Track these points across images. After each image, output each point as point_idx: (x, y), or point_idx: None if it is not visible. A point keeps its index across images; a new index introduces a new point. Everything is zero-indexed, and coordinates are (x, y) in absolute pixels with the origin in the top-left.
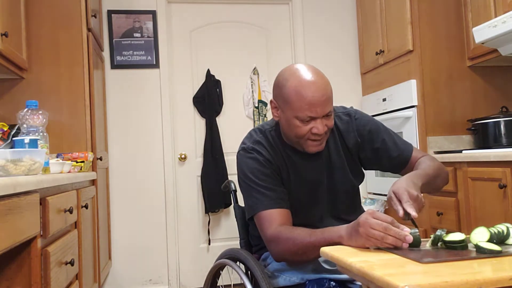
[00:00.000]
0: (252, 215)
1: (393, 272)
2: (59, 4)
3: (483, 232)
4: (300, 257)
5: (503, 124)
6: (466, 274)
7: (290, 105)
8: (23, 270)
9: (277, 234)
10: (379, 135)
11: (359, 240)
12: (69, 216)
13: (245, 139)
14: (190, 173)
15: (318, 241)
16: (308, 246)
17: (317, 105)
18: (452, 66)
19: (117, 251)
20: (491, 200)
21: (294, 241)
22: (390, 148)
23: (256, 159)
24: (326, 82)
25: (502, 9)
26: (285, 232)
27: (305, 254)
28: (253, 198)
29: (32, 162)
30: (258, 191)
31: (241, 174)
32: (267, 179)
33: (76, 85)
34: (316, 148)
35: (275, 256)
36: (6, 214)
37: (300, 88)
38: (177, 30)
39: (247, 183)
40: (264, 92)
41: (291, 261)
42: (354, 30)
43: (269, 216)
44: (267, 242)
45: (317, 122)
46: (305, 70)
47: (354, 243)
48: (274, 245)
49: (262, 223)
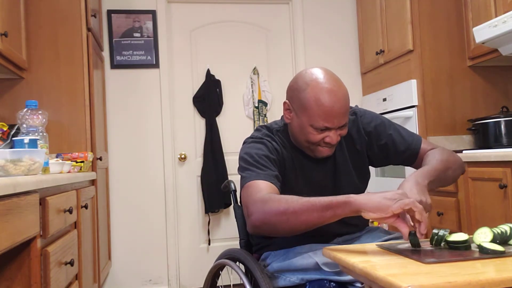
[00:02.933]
0: (243, 185)
1: (396, 273)
2: (59, 4)
3: (486, 233)
4: (288, 217)
5: (503, 124)
6: (469, 275)
7: (307, 112)
8: (22, 270)
9: (269, 196)
10: (385, 130)
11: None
12: (69, 216)
13: (254, 133)
14: (190, 173)
15: (319, 199)
16: (303, 205)
17: (335, 116)
18: (453, 66)
19: (117, 251)
20: (491, 200)
21: (287, 200)
22: (397, 142)
23: (264, 144)
24: (346, 93)
25: (503, 9)
26: (278, 195)
27: (295, 214)
28: (249, 171)
29: (31, 162)
30: (256, 166)
31: (243, 153)
32: (267, 160)
33: (75, 85)
34: (326, 154)
35: (256, 217)
36: (5, 214)
37: (320, 96)
38: (177, 30)
39: (247, 159)
40: (264, 92)
41: (273, 225)
42: (354, 30)
43: (259, 185)
44: (251, 203)
45: (331, 132)
46: (327, 78)
47: (369, 204)
48: (260, 204)
49: (251, 190)
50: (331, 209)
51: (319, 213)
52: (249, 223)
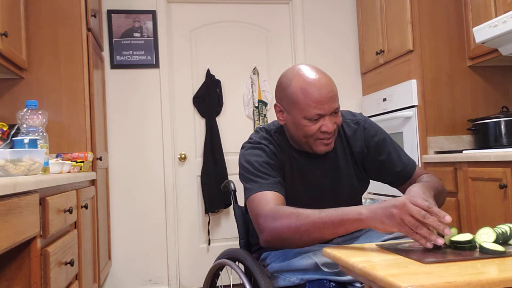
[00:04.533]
0: (248, 197)
1: (396, 273)
2: (59, 4)
3: (489, 233)
4: (300, 236)
5: (503, 124)
6: (469, 275)
7: (297, 105)
8: (22, 270)
9: (277, 209)
10: (385, 147)
11: (387, 223)
12: (69, 216)
13: (252, 135)
14: (190, 173)
15: (329, 218)
16: (315, 223)
17: (324, 102)
18: (453, 66)
19: (117, 251)
20: (491, 200)
21: (298, 216)
22: (395, 162)
23: (262, 149)
24: (330, 79)
25: (503, 9)
26: (288, 208)
27: (308, 232)
28: (252, 182)
29: (31, 162)
30: (258, 175)
31: (243, 161)
32: (268, 167)
33: (75, 85)
34: (325, 148)
35: (269, 234)
36: (5, 214)
37: (305, 86)
38: (177, 30)
39: (248, 169)
40: (264, 92)
41: (287, 242)
42: (354, 30)
43: (267, 196)
44: (261, 218)
45: (325, 119)
46: (308, 69)
47: (379, 225)
48: (270, 220)
49: (259, 202)
50: (343, 226)
51: (331, 230)
52: (261, 238)
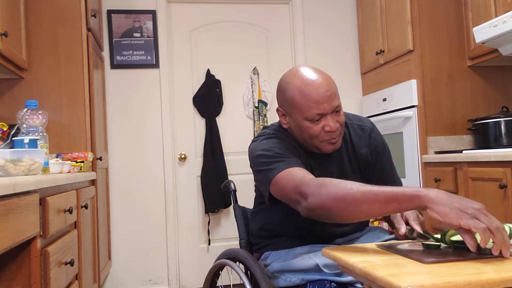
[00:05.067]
0: (275, 175)
1: (396, 272)
2: (58, 4)
3: None
4: (347, 205)
5: (503, 124)
6: (469, 275)
7: (296, 107)
8: (22, 270)
9: (323, 179)
10: (383, 160)
11: (455, 211)
12: (69, 216)
13: (262, 131)
14: (190, 173)
15: (383, 190)
16: (365, 193)
17: (323, 101)
18: (453, 66)
19: (117, 251)
20: (491, 200)
21: (347, 185)
22: (388, 177)
23: (278, 138)
24: (328, 77)
25: (503, 9)
26: (335, 180)
27: (355, 203)
28: (275, 163)
29: (31, 162)
30: (281, 157)
31: (259, 151)
32: (289, 152)
33: (75, 85)
34: (332, 147)
35: (312, 199)
36: (5, 214)
37: (303, 87)
38: (177, 29)
39: (267, 155)
40: (264, 92)
41: (329, 211)
42: (354, 30)
43: (298, 171)
44: (305, 185)
45: (327, 119)
46: (305, 70)
47: (440, 207)
48: (316, 187)
49: (295, 175)
50: (396, 201)
51: (382, 204)
52: (305, 205)
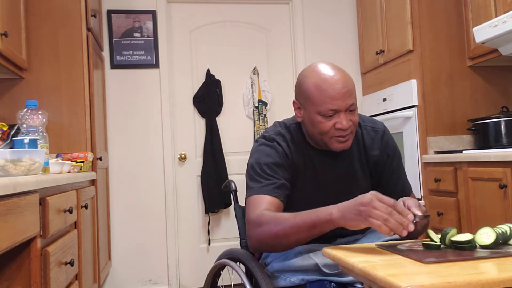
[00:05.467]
0: (248, 197)
1: (396, 273)
2: (59, 4)
3: (488, 233)
4: (280, 240)
5: (503, 124)
6: (469, 275)
7: (311, 101)
8: (22, 270)
9: (260, 216)
10: (394, 164)
11: (356, 219)
12: (69, 216)
13: (268, 129)
14: (190, 173)
15: (303, 221)
16: (292, 227)
17: (338, 97)
18: (453, 66)
19: (117, 251)
20: (491, 200)
21: (276, 221)
22: (397, 181)
23: (273, 147)
24: (346, 75)
25: (503, 9)
26: (268, 214)
27: (286, 237)
28: (254, 181)
29: (31, 162)
30: (262, 176)
31: (253, 159)
32: (275, 168)
33: (75, 85)
34: (341, 146)
35: (254, 240)
36: (5, 214)
37: (319, 82)
38: (177, 29)
39: (255, 168)
40: (264, 92)
41: (270, 247)
42: (354, 29)
43: (259, 200)
44: (248, 225)
45: (340, 116)
46: (324, 66)
47: (349, 222)
48: (254, 226)
49: (250, 207)
50: (316, 228)
51: (307, 232)
52: (249, 244)
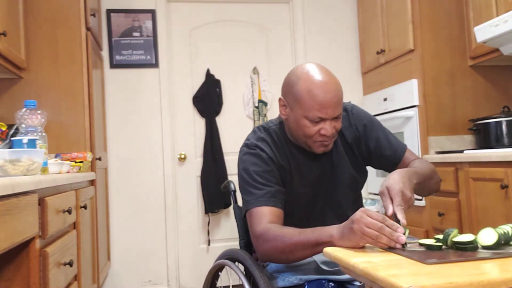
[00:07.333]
0: (245, 211)
1: (397, 273)
2: (57, 3)
3: (490, 233)
4: (287, 255)
5: (504, 124)
6: (470, 275)
7: (300, 104)
8: (21, 271)
9: (266, 231)
10: (373, 132)
11: (352, 239)
12: (68, 217)
13: (249, 136)
14: (190, 173)
15: (307, 239)
16: (296, 245)
17: (328, 106)
18: (454, 66)
19: (116, 251)
20: (492, 201)
21: (282, 238)
22: (384, 146)
23: (258, 155)
24: (337, 83)
25: (504, 8)
26: (274, 229)
27: (292, 253)
28: (249, 193)
29: (30, 162)
30: (255, 186)
31: (241, 170)
32: (265, 176)
33: (75, 84)
34: (323, 149)
35: (261, 254)
36: (4, 215)
37: (312, 88)
38: (177, 29)
39: (246, 179)
40: (264, 91)
41: (277, 260)
42: (355, 29)
43: (260, 213)
44: (254, 239)
45: (326, 123)
46: (317, 70)
47: (347, 243)
48: (261, 242)
49: (253, 220)
50: (320, 245)
51: (312, 249)
52: (257, 257)
